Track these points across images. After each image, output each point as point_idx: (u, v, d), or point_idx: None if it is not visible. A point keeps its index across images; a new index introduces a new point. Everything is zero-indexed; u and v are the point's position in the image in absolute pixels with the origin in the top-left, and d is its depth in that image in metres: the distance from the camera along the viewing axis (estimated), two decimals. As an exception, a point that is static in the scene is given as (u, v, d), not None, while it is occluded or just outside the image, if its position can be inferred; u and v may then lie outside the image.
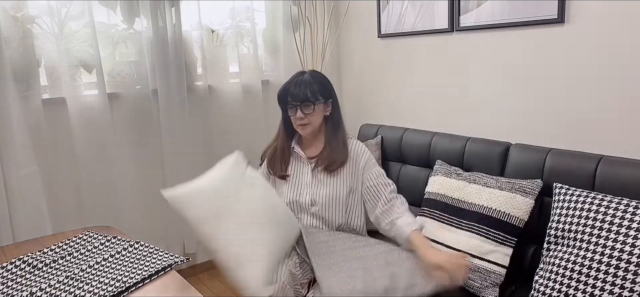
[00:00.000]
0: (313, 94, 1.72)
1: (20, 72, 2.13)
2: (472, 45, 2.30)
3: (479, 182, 1.81)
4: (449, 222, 1.80)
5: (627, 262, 1.34)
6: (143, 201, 2.58)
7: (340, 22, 2.99)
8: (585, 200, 1.51)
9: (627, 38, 1.79)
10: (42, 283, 1.34)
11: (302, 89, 1.71)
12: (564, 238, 1.51)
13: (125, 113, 2.48)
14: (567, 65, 1.98)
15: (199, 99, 2.68)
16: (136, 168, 2.55)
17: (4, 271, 1.43)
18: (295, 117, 1.74)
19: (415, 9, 2.52)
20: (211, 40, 2.71)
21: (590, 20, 1.88)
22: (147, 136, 2.56)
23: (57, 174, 2.31)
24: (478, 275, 1.66)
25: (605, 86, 1.88)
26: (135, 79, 2.49)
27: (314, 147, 1.82)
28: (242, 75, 2.79)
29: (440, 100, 2.50)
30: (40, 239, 1.73)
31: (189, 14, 2.59)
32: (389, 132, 2.34)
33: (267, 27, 2.92)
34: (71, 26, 2.29)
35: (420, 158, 2.18)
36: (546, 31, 2.02)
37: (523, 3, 2.06)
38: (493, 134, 2.08)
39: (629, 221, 1.39)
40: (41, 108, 2.22)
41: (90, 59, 2.32)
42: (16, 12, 2.11)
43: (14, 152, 2.11)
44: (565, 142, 1.96)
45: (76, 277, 1.37)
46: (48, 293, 1.29)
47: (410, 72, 2.65)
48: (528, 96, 2.13)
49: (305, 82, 1.73)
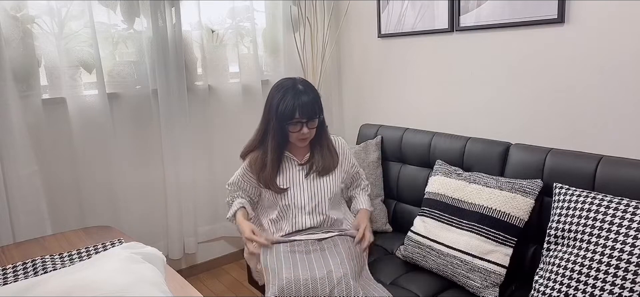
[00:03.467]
0: (319, 109, 1.79)
1: (20, 72, 2.13)
2: (472, 46, 2.30)
3: (479, 182, 1.81)
4: (449, 222, 1.80)
5: (627, 262, 1.34)
6: (143, 201, 2.59)
7: (340, 22, 2.99)
8: (585, 200, 1.51)
9: (627, 38, 1.79)
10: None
11: (310, 107, 1.74)
12: (564, 238, 1.51)
13: (125, 113, 2.48)
14: (567, 65, 1.98)
15: (198, 99, 2.68)
16: (136, 168, 2.55)
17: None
18: (300, 133, 1.77)
19: (415, 9, 2.52)
20: (211, 40, 2.71)
21: (590, 20, 1.88)
22: (147, 136, 2.56)
23: (57, 174, 2.31)
24: (478, 275, 1.66)
25: (605, 86, 1.88)
26: (135, 79, 2.49)
27: (303, 150, 1.88)
28: (242, 75, 2.79)
29: (440, 100, 2.50)
30: (40, 239, 1.73)
31: (189, 14, 2.59)
32: (389, 132, 2.34)
33: (267, 27, 2.92)
34: (71, 26, 2.29)
35: (420, 158, 2.18)
36: (546, 31, 2.02)
37: (523, 3, 2.06)
38: (493, 134, 2.08)
39: (629, 221, 1.39)
40: (41, 108, 2.22)
41: (90, 59, 2.32)
42: (16, 12, 2.11)
43: (14, 152, 2.11)
44: (565, 142, 1.97)
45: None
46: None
47: (410, 72, 2.65)
48: (528, 96, 2.13)
49: (309, 99, 1.75)
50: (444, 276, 1.77)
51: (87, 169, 2.37)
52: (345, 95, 3.12)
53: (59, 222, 2.30)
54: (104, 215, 2.42)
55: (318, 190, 1.84)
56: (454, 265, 1.72)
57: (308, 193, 1.83)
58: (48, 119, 2.25)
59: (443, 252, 1.75)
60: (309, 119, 1.75)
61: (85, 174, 2.36)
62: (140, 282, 1.15)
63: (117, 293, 1.10)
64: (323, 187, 1.85)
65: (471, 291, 1.68)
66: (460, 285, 1.72)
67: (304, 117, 1.73)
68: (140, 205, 2.58)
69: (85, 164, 2.36)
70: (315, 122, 1.78)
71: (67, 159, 2.33)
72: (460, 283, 1.72)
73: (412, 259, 1.87)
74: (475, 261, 1.67)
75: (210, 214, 2.82)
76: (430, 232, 1.83)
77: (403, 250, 1.93)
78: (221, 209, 2.84)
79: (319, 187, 1.85)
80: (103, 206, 2.43)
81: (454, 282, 1.75)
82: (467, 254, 1.69)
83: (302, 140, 1.80)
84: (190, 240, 2.73)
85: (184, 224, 2.70)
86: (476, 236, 1.70)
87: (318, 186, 1.85)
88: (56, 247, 1.63)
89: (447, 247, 1.75)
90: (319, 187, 1.85)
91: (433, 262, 1.78)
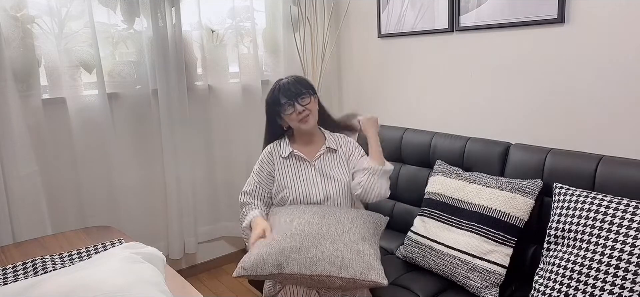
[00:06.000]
0: (304, 86, 1.81)
1: (20, 72, 2.13)
2: (472, 46, 2.30)
3: (479, 182, 1.81)
4: (449, 222, 1.80)
5: (627, 262, 1.34)
6: (143, 201, 2.59)
7: (340, 22, 2.99)
8: (585, 200, 1.51)
9: (627, 38, 1.79)
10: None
11: (293, 86, 1.78)
12: (564, 238, 1.51)
13: (125, 113, 2.48)
14: (567, 65, 1.98)
15: (199, 99, 2.68)
16: (136, 168, 2.55)
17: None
18: (295, 113, 1.78)
19: (415, 9, 2.52)
20: (211, 40, 2.71)
21: (590, 20, 1.88)
22: (147, 136, 2.56)
23: (57, 174, 2.31)
24: (478, 275, 1.66)
25: (605, 86, 1.88)
26: (135, 79, 2.49)
27: (313, 145, 1.87)
28: (242, 75, 2.79)
29: (440, 100, 2.50)
30: (40, 239, 1.73)
31: (189, 14, 2.59)
32: (389, 132, 2.34)
33: (267, 27, 2.92)
34: (71, 26, 2.29)
35: (420, 158, 2.18)
36: (546, 31, 2.02)
37: (523, 3, 2.06)
38: (493, 134, 2.08)
39: (629, 221, 1.39)
40: (41, 108, 2.22)
41: (90, 59, 2.31)
42: (16, 12, 2.11)
43: (14, 152, 2.11)
44: (565, 142, 1.96)
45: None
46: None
47: (410, 72, 2.65)
48: (528, 96, 2.13)
49: (290, 81, 1.80)
50: (444, 276, 1.77)
51: (87, 169, 2.37)
52: (345, 95, 3.12)
53: (59, 222, 2.30)
54: (104, 215, 2.42)
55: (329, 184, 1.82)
56: (454, 265, 1.72)
57: (320, 188, 1.82)
58: (48, 119, 2.25)
59: (443, 252, 1.75)
60: (296, 96, 1.76)
61: (85, 174, 2.36)
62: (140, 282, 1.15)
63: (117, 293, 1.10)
64: (334, 181, 1.83)
65: (471, 291, 1.68)
66: (460, 285, 1.72)
67: (291, 97, 1.76)
68: (140, 205, 2.58)
69: (85, 164, 2.36)
70: (305, 98, 1.78)
71: (67, 159, 2.33)
72: (460, 283, 1.72)
73: (412, 259, 1.87)
74: (475, 261, 1.67)
75: (210, 214, 2.82)
76: (430, 232, 1.83)
77: (403, 250, 1.93)
78: (221, 209, 2.84)
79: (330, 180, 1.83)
80: (103, 206, 2.43)
81: (454, 282, 1.75)
82: (467, 254, 1.69)
83: (304, 121, 1.79)
84: (190, 240, 2.73)
85: (184, 224, 2.70)
86: (476, 236, 1.70)
87: (330, 180, 1.83)
88: (56, 247, 1.63)
89: (447, 247, 1.75)
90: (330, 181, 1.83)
91: (433, 262, 1.78)
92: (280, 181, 1.84)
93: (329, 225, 1.61)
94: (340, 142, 1.91)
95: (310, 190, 1.82)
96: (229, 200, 2.78)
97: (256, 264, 1.53)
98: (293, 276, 1.54)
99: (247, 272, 1.55)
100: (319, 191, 1.81)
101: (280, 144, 1.88)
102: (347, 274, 1.51)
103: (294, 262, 1.52)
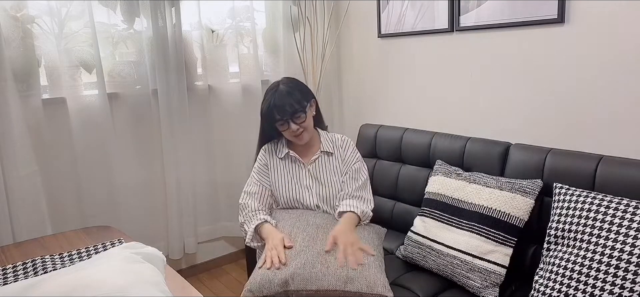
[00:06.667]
0: (299, 103, 1.75)
1: (20, 72, 2.13)
2: (472, 46, 2.30)
3: (479, 182, 1.81)
4: (449, 222, 1.80)
5: (627, 262, 1.34)
6: (143, 201, 2.59)
7: (340, 22, 2.99)
8: (585, 200, 1.51)
9: (627, 38, 1.79)
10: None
11: (287, 101, 1.74)
12: (564, 238, 1.51)
13: (125, 113, 2.48)
14: (567, 66, 1.98)
15: (199, 99, 2.68)
16: (136, 168, 2.55)
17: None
18: (289, 132, 1.78)
19: (415, 9, 2.52)
20: (211, 40, 2.71)
21: (590, 20, 1.88)
22: (147, 136, 2.56)
23: (57, 174, 2.31)
24: (478, 275, 1.66)
25: (605, 86, 1.88)
26: (135, 79, 2.49)
27: (309, 147, 1.88)
28: (242, 75, 2.79)
29: (440, 100, 2.50)
30: (40, 239, 1.73)
31: (189, 14, 2.59)
32: (389, 132, 2.34)
33: (267, 27, 2.92)
34: (71, 26, 2.29)
35: (420, 158, 2.18)
36: (546, 31, 2.02)
37: (523, 3, 2.06)
38: (493, 134, 2.08)
39: (629, 221, 1.39)
40: (41, 108, 2.22)
41: (90, 59, 2.32)
42: (16, 12, 2.11)
43: (14, 152, 2.11)
44: (565, 142, 1.96)
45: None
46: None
47: (410, 72, 2.65)
48: (528, 96, 2.13)
49: (285, 93, 1.75)
50: (444, 276, 1.77)
51: (87, 169, 2.37)
52: (345, 95, 3.12)
53: (59, 222, 2.30)
54: (103, 215, 2.42)
55: (322, 189, 1.83)
56: (454, 265, 1.72)
57: (313, 191, 1.83)
58: (48, 119, 2.25)
59: (443, 252, 1.75)
60: (291, 115, 1.74)
61: (85, 174, 2.36)
62: (140, 282, 1.15)
63: (117, 293, 1.10)
64: (327, 185, 1.84)
65: (471, 291, 1.68)
66: (460, 285, 1.72)
67: (285, 115, 1.74)
68: (140, 205, 2.58)
69: (85, 164, 2.36)
70: (300, 117, 1.76)
71: (67, 159, 2.33)
72: (460, 283, 1.72)
73: (412, 259, 1.87)
74: (475, 261, 1.67)
75: (210, 214, 2.82)
76: (430, 232, 1.83)
77: (403, 250, 1.93)
78: (221, 209, 2.84)
79: (323, 185, 1.84)
80: (103, 206, 2.43)
81: (454, 282, 1.75)
82: (467, 254, 1.69)
83: (298, 138, 1.80)
84: (190, 240, 2.73)
85: (184, 224, 2.70)
86: (476, 235, 1.70)
87: (322, 185, 1.84)
88: (56, 247, 1.62)
89: (447, 247, 1.75)
90: (323, 186, 1.84)
91: (433, 262, 1.78)
92: (273, 181, 1.85)
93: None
94: (337, 144, 1.92)
95: (302, 193, 1.83)
96: (229, 200, 2.78)
97: (263, 285, 1.53)
98: (299, 293, 1.54)
99: (254, 294, 1.54)
100: (312, 196, 1.83)
101: (277, 144, 1.90)
102: (353, 288, 1.51)
103: (299, 279, 1.52)
